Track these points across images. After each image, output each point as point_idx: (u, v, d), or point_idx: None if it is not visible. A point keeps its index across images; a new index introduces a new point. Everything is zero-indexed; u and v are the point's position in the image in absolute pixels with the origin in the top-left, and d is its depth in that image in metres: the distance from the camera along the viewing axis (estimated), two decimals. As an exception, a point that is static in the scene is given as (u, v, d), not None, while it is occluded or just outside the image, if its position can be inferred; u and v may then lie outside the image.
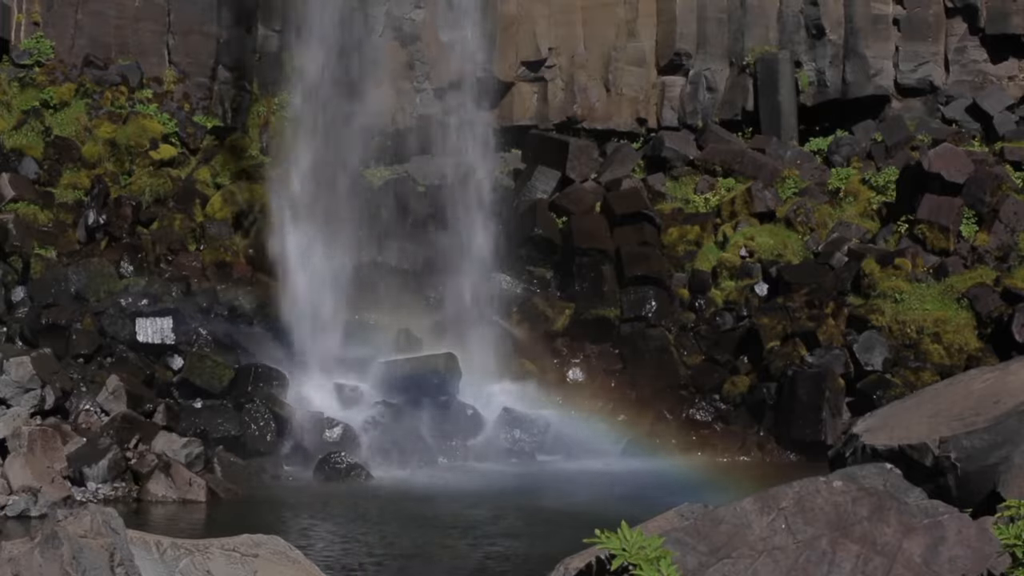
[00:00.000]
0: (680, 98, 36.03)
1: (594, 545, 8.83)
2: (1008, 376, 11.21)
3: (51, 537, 8.90)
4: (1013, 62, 35.80)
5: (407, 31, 34.90)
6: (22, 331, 28.21)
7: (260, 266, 31.34)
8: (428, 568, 19.21)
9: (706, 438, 28.97)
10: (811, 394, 28.17)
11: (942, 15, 35.76)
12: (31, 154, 32.65)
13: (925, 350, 29.17)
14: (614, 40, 35.99)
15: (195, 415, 26.52)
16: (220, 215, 32.30)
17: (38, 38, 34.48)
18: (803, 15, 35.82)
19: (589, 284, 31.96)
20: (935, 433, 10.70)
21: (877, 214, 32.82)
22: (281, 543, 10.19)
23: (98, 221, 31.49)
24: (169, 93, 34.71)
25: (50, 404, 25.36)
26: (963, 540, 9.04)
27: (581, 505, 22.80)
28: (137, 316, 28.40)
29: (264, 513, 22.76)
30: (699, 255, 32.58)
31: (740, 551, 8.89)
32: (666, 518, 9.64)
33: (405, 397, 28.31)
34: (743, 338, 30.44)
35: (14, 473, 22.76)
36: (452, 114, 34.09)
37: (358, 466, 25.97)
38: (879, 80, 35.64)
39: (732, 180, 34.16)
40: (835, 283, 30.87)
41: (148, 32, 35.11)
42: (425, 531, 21.43)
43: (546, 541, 20.21)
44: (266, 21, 34.47)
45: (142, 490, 23.69)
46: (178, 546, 9.85)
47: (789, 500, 9.08)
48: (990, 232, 30.86)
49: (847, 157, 34.57)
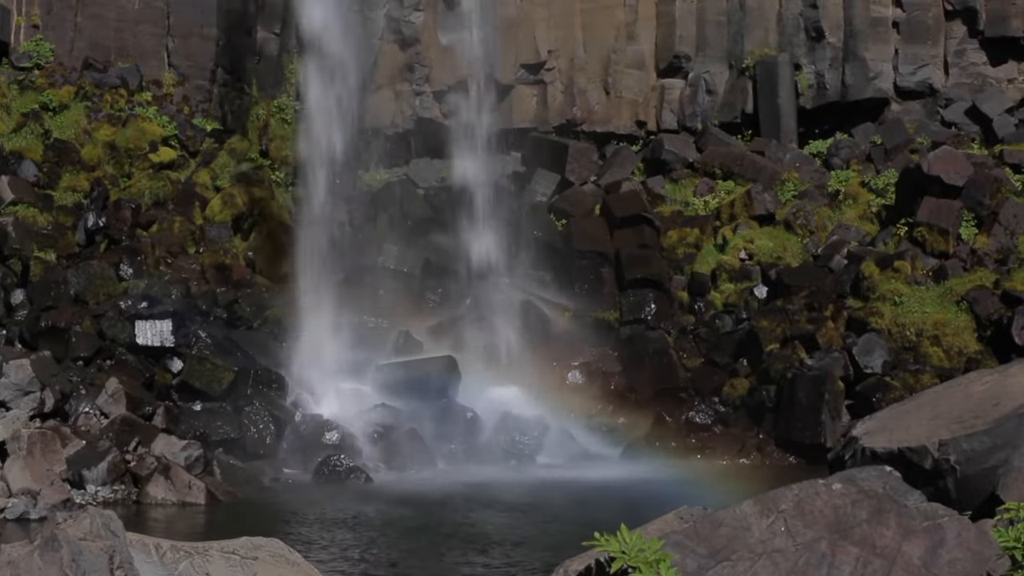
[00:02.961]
0: (679, 101, 36.03)
1: (593, 548, 8.83)
2: (1008, 379, 11.21)
3: (50, 540, 8.89)
4: (1012, 65, 35.80)
5: (407, 34, 34.91)
6: (21, 334, 28.22)
7: (260, 268, 31.38)
8: (427, 570, 19.22)
9: (705, 440, 28.97)
10: (810, 397, 28.16)
11: (941, 18, 35.76)
12: (31, 157, 32.66)
13: (924, 353, 29.16)
14: (613, 43, 35.99)
15: (194, 418, 26.52)
16: (219, 218, 32.30)
17: (38, 41, 34.50)
18: (802, 18, 35.82)
19: (588, 287, 31.97)
20: (934, 436, 10.70)
21: (876, 217, 32.82)
22: (280, 546, 10.19)
23: (97, 224, 31.50)
24: (168, 96, 34.72)
25: (49, 407, 25.37)
26: (962, 543, 9.04)
27: (580, 508, 22.80)
28: (137, 319, 28.41)
29: (263, 516, 22.75)
30: (698, 258, 32.58)
31: (739, 554, 8.89)
32: (665, 521, 9.64)
33: (405, 400, 28.31)
34: (742, 341, 30.44)
35: (13, 476, 22.76)
36: (451, 117, 34.11)
37: (357, 469, 25.97)
38: (878, 83, 35.64)
39: (731, 183, 34.16)
40: (834, 286, 30.86)
41: (148, 35, 35.12)
42: (424, 534, 21.43)
43: (545, 543, 20.22)
44: (265, 24, 34.47)
45: (141, 493, 23.69)
46: (177, 549, 9.85)
47: (788, 503, 9.08)
48: (989, 235, 30.86)
49: (846, 160, 34.57)
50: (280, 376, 28.01)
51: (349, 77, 31.82)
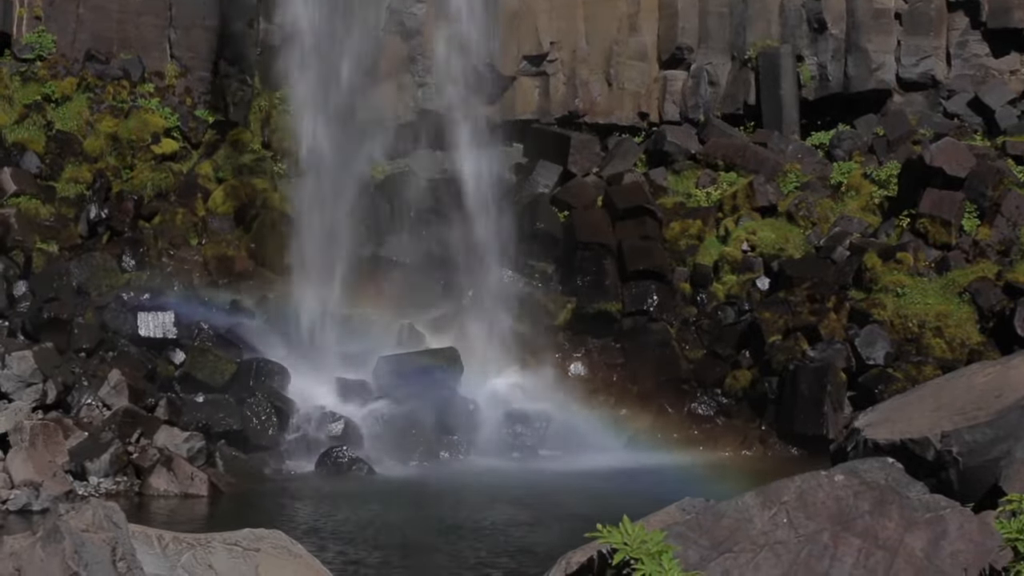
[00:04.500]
0: (682, 92, 36.01)
1: (596, 539, 8.83)
2: (1010, 370, 11.20)
3: (53, 531, 8.89)
4: (1015, 56, 35.75)
5: (409, 25, 34.87)
6: (24, 325, 28.22)
7: (262, 260, 31.37)
8: (429, 562, 19.22)
9: (708, 432, 28.98)
10: (813, 388, 28.16)
11: (944, 9, 35.72)
12: (33, 148, 32.65)
13: (927, 344, 29.15)
14: (616, 34, 35.96)
15: (197, 409, 26.52)
16: (222, 209, 32.29)
17: (40, 32, 34.47)
18: (805, 9, 35.78)
19: (591, 278, 31.95)
20: (937, 427, 10.69)
21: (879, 208, 32.80)
22: (283, 537, 10.19)
23: (100, 215, 31.50)
24: (171, 87, 34.70)
25: (52, 398, 25.38)
26: (965, 534, 9.04)
27: (582, 499, 22.80)
28: (139, 310, 28.40)
29: (266, 507, 22.78)
30: (701, 249, 32.57)
31: (742, 545, 8.89)
32: (668, 512, 9.63)
33: (407, 392, 28.29)
34: (745, 332, 30.43)
35: (16, 467, 22.78)
36: (453, 108, 34.08)
37: (360, 460, 25.99)
38: (881, 74, 35.60)
39: (734, 174, 34.14)
40: (837, 277, 30.85)
41: (150, 26, 35.09)
42: (426, 525, 21.44)
43: (547, 535, 20.23)
44: (268, 15, 34.44)
45: (144, 484, 23.71)
46: (180, 540, 9.85)
47: (791, 494, 9.08)
48: (992, 226, 30.84)
49: (849, 151, 34.55)
50: (282, 368, 28.00)
51: (341, 67, 31.87)
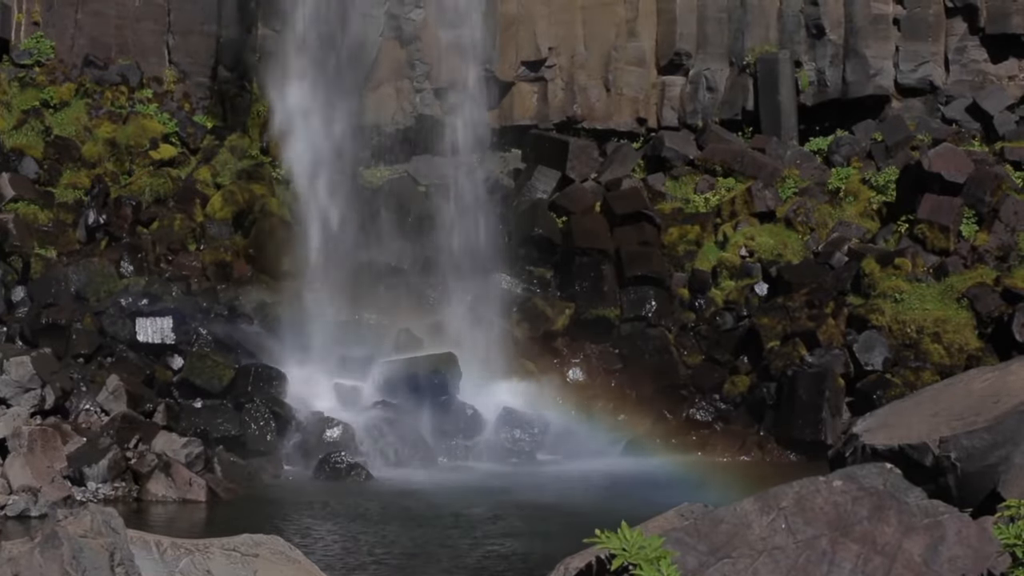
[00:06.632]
0: (680, 98, 36.01)
1: (594, 545, 8.83)
2: (1008, 376, 11.20)
3: (51, 537, 8.89)
4: (1013, 62, 35.76)
5: (407, 31, 34.88)
6: (22, 331, 28.21)
7: (261, 266, 31.37)
8: (428, 568, 19.22)
9: (706, 438, 28.98)
10: (811, 394, 28.17)
11: (942, 15, 35.73)
12: (31, 154, 32.66)
13: (925, 350, 29.16)
14: (614, 40, 35.97)
15: (195, 415, 26.52)
16: (220, 215, 32.29)
17: (38, 38, 34.48)
18: (803, 15, 35.79)
19: (589, 284, 31.94)
20: (935, 433, 10.69)
21: (877, 214, 32.81)
22: (281, 543, 10.19)
23: (98, 221, 31.49)
24: (169, 93, 34.71)
25: (50, 404, 25.36)
26: (963, 540, 9.04)
27: (581, 505, 22.81)
28: (137, 316, 28.41)
29: (264, 513, 22.76)
30: (699, 255, 32.57)
31: (740, 551, 8.89)
32: (666, 518, 9.64)
33: (405, 397, 28.31)
34: (743, 338, 30.44)
35: (14, 473, 22.77)
36: (452, 114, 34.09)
37: (358, 466, 25.98)
38: (879, 80, 35.61)
39: (732, 180, 34.13)
40: (835, 283, 30.86)
41: (148, 32, 35.10)
42: (425, 531, 21.44)
43: (546, 541, 20.22)
44: (266, 21, 34.44)
45: (142, 490, 23.69)
46: (178, 546, 9.85)
47: (789, 500, 9.08)
48: (990, 232, 30.86)
49: (847, 157, 34.55)
50: (281, 373, 28.01)
51: (339, 73, 31.93)
